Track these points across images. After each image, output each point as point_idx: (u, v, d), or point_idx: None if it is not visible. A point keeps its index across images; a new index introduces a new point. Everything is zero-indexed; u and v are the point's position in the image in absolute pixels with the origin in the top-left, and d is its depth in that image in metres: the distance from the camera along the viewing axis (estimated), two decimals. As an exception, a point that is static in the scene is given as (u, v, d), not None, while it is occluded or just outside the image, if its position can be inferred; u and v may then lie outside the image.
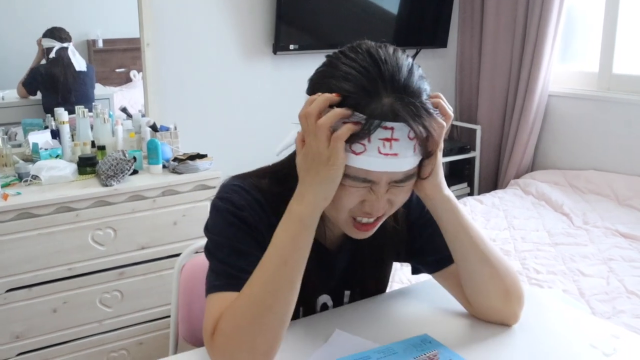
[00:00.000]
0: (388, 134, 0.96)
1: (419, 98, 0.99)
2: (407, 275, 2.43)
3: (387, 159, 0.97)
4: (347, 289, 1.31)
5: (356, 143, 0.97)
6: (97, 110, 2.79)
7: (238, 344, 1.00)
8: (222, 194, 1.14)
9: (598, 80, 3.64)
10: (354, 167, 0.99)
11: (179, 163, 2.64)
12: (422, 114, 0.97)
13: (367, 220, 1.07)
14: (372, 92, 0.97)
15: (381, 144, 0.96)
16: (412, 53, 3.96)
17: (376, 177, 1.00)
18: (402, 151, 0.98)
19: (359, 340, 1.15)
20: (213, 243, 1.12)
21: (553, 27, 3.60)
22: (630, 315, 2.15)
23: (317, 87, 1.02)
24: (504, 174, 4.01)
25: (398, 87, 0.97)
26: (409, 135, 0.97)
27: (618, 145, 3.50)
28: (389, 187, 1.03)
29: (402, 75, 0.98)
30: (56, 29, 2.88)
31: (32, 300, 2.36)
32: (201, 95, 3.30)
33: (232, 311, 1.01)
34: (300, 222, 1.01)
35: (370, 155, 0.97)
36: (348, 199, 1.03)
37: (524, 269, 2.56)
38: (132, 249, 2.50)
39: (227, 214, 1.10)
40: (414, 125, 0.96)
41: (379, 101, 0.96)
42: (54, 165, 2.50)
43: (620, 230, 2.90)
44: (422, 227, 1.26)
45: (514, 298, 1.20)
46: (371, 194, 1.02)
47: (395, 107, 0.96)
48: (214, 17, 3.27)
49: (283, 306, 1.01)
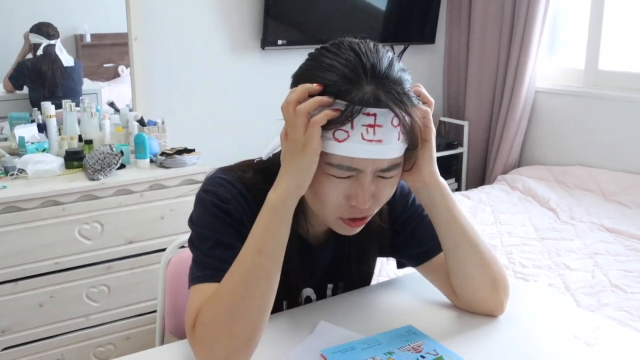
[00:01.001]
0: (371, 120, 0.96)
1: (400, 86, 1.00)
2: (394, 269, 2.43)
3: (371, 145, 0.97)
4: (329, 283, 1.32)
5: (339, 130, 0.97)
6: (84, 105, 2.78)
7: (217, 332, 1.00)
8: (207, 186, 1.14)
9: (584, 76, 3.67)
10: (338, 155, 0.99)
11: (167, 157, 2.63)
12: (404, 100, 0.98)
13: (354, 215, 1.06)
14: (354, 81, 0.98)
15: (364, 130, 0.96)
16: (400, 49, 4.02)
17: (361, 165, 0.99)
18: (386, 138, 0.98)
19: (344, 331, 1.16)
20: (197, 235, 1.12)
21: (539, 23, 3.62)
22: (615, 308, 2.17)
23: (301, 81, 1.03)
24: (491, 169, 4.03)
25: (379, 75, 0.98)
26: (392, 122, 0.98)
27: (604, 141, 3.53)
28: (374, 178, 1.02)
29: (383, 66, 1.00)
30: (44, 24, 2.86)
31: (18, 294, 2.35)
32: (189, 90, 3.29)
33: (210, 301, 1.02)
34: (274, 210, 1.01)
35: (354, 141, 0.97)
36: (333, 192, 1.03)
37: (510, 263, 2.58)
38: (119, 244, 2.50)
39: (212, 206, 1.11)
40: (397, 110, 0.97)
41: (360, 89, 0.97)
42: (41, 159, 2.49)
43: (606, 225, 2.93)
44: (406, 222, 1.27)
45: (500, 287, 1.21)
46: (356, 186, 1.02)
47: (377, 94, 0.97)
48: (202, 12, 3.26)
49: (261, 295, 1.01)
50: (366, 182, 1.01)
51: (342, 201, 1.04)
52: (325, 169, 1.01)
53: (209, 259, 1.07)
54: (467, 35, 4.10)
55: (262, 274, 1.01)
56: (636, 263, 2.53)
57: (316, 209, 1.10)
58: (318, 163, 0.99)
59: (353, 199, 1.03)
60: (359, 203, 1.02)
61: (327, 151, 0.99)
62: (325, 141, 0.98)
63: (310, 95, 0.99)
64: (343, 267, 1.29)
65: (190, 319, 1.03)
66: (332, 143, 0.98)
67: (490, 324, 1.21)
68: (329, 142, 0.98)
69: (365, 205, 1.03)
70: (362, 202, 1.02)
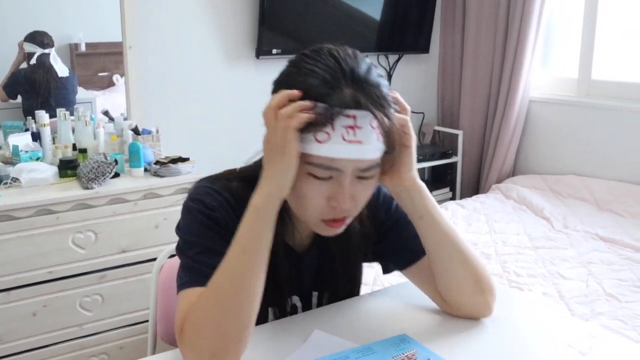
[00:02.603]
0: (351, 122, 1.00)
1: (378, 89, 1.04)
2: (389, 278, 2.44)
3: (351, 145, 1.00)
4: (315, 290, 1.33)
5: (320, 132, 1.00)
6: (78, 113, 2.78)
7: (205, 331, 1.02)
8: (193, 195, 1.17)
9: (578, 86, 3.68)
10: (319, 156, 1.01)
11: (161, 166, 2.63)
12: (383, 103, 1.02)
13: (334, 216, 1.08)
14: (334, 84, 1.01)
15: (345, 132, 1.00)
16: (395, 58, 4.04)
17: (342, 165, 1.02)
18: (366, 139, 1.01)
19: (338, 340, 1.15)
20: (184, 242, 1.14)
21: (533, 33, 3.64)
22: (609, 317, 2.18)
23: (282, 86, 1.06)
24: (486, 178, 4.04)
25: (358, 79, 1.02)
26: (371, 124, 1.01)
27: (598, 150, 3.54)
28: (353, 179, 1.05)
29: (361, 70, 1.04)
30: (38, 33, 2.85)
31: (11, 303, 2.34)
32: (183, 99, 3.29)
33: (198, 302, 1.04)
34: (256, 212, 1.04)
35: (335, 142, 1.00)
36: (315, 194, 1.05)
37: (505, 272, 2.58)
38: (113, 252, 2.49)
39: (199, 214, 1.13)
40: (376, 112, 1.01)
41: (340, 92, 1.01)
42: (35, 167, 2.49)
43: (600, 234, 2.94)
44: (390, 229, 1.29)
45: (485, 287, 1.23)
46: (337, 187, 1.04)
47: (357, 96, 1.00)
48: (197, 21, 3.26)
49: (247, 293, 1.03)
50: (346, 182, 1.04)
51: (323, 203, 1.07)
52: (307, 169, 1.03)
53: (197, 265, 1.09)
54: (461, 44, 4.11)
55: (248, 272, 1.03)
56: (630, 272, 2.53)
57: (298, 211, 1.12)
58: (300, 165, 1.02)
59: (334, 199, 1.05)
60: (339, 203, 1.05)
61: (309, 152, 1.01)
62: (307, 143, 1.01)
63: (290, 101, 1.01)
64: (328, 275, 1.31)
65: (179, 322, 1.05)
66: (314, 144, 1.01)
67: (485, 332, 1.21)
68: (310, 144, 1.01)
69: (345, 205, 1.05)
70: (343, 202, 1.05)
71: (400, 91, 1.16)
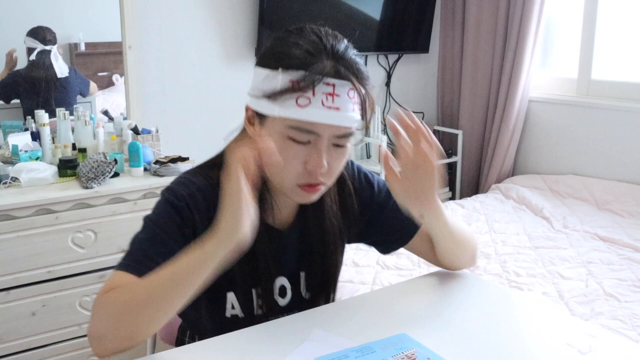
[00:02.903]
0: (330, 89, 1.08)
1: (357, 64, 1.13)
2: (388, 277, 2.44)
3: (330, 111, 1.08)
4: (302, 270, 1.34)
5: (302, 97, 1.07)
6: (78, 113, 2.78)
7: (105, 325, 1.06)
8: (170, 184, 1.22)
9: (577, 86, 3.68)
10: (299, 120, 1.08)
11: (161, 166, 2.63)
12: (361, 76, 1.12)
13: (310, 181, 1.14)
14: (316, 55, 1.10)
15: (324, 98, 1.08)
16: (395, 58, 4.03)
17: (320, 129, 1.10)
18: (343, 106, 1.09)
19: (338, 339, 1.15)
20: (143, 226, 1.18)
21: (533, 33, 3.64)
22: (608, 316, 2.17)
23: (266, 58, 1.14)
24: (485, 178, 4.04)
25: (339, 54, 1.11)
26: (349, 94, 1.10)
27: (597, 150, 3.54)
28: (329, 146, 1.12)
29: (341, 47, 1.13)
30: (41, 28, 2.83)
31: (10, 303, 2.34)
32: (183, 99, 3.29)
33: (112, 294, 1.07)
34: (204, 257, 1.02)
35: (314, 107, 1.08)
36: (292, 158, 1.11)
37: (504, 272, 2.58)
38: (113, 252, 2.49)
39: (166, 203, 1.18)
40: (355, 82, 1.10)
41: (322, 62, 1.09)
42: (34, 167, 2.49)
43: (600, 233, 2.94)
44: (379, 209, 1.38)
45: (476, 255, 1.45)
46: (314, 151, 1.11)
47: (337, 67, 1.09)
48: (197, 20, 3.26)
49: (157, 312, 1.04)
50: (323, 146, 1.11)
51: (299, 167, 1.12)
52: (288, 133, 1.10)
53: (138, 251, 1.14)
54: (461, 44, 4.11)
55: (167, 300, 1.04)
56: (629, 272, 2.53)
57: (275, 176, 1.17)
58: (281, 129, 1.10)
59: (310, 163, 1.11)
60: (315, 166, 1.11)
61: (290, 116, 1.08)
62: (289, 108, 1.08)
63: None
64: (311, 253, 1.33)
65: (102, 290, 1.09)
66: (296, 108, 1.08)
67: (485, 332, 1.21)
68: (292, 108, 1.08)
69: (321, 168, 1.11)
70: (319, 165, 1.11)
71: (400, 91, 1.20)
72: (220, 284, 1.25)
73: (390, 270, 2.54)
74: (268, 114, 1.12)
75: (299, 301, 1.35)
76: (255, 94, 1.14)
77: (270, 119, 1.12)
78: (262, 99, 1.12)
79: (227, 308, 1.28)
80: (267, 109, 1.11)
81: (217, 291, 1.26)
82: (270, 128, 1.12)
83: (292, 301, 1.34)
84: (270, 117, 1.12)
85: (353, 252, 2.67)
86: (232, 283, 1.27)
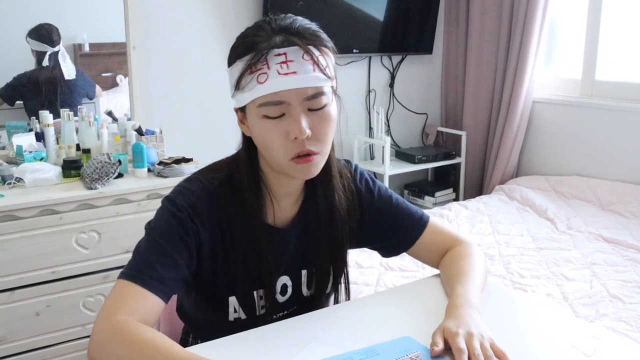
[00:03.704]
0: (282, 59, 1.11)
1: (308, 29, 1.15)
2: (392, 280, 2.44)
3: (287, 77, 1.10)
4: (303, 269, 1.35)
5: (260, 74, 1.11)
6: (82, 114, 2.78)
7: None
8: (170, 194, 1.23)
9: (581, 86, 3.68)
10: (264, 95, 1.11)
11: (164, 167, 2.63)
12: (309, 36, 1.13)
13: (299, 150, 1.14)
14: (262, 35, 1.13)
15: (279, 67, 1.10)
16: (398, 59, 4.03)
17: (286, 97, 1.11)
18: (300, 69, 1.11)
19: (342, 341, 1.15)
20: (145, 235, 1.20)
21: (537, 33, 3.64)
22: (613, 318, 2.17)
23: (229, 57, 1.19)
24: (489, 179, 4.03)
25: (284, 27, 1.14)
26: (303, 57, 1.12)
27: (601, 151, 3.54)
28: (305, 112, 1.13)
29: (286, 21, 1.15)
30: (44, 27, 2.82)
31: (14, 303, 2.34)
32: (187, 100, 3.29)
33: (121, 340, 1.04)
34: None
35: (272, 78, 1.10)
36: (274, 134, 1.13)
37: (508, 273, 2.57)
38: (116, 253, 2.49)
39: (167, 213, 1.19)
40: (302, 44, 1.11)
41: (269, 38, 1.12)
42: (38, 167, 2.49)
43: (604, 235, 2.93)
44: (380, 213, 1.38)
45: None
46: (291, 120, 1.12)
47: (285, 37, 1.12)
48: (201, 21, 3.27)
49: None
50: (296, 112, 1.12)
51: (284, 140, 1.13)
52: (260, 112, 1.13)
53: (141, 261, 1.15)
54: (465, 45, 4.11)
55: None
56: (634, 273, 2.52)
57: (270, 159, 1.19)
58: (255, 111, 1.14)
59: (292, 132, 1.12)
60: (297, 133, 1.12)
61: (256, 96, 1.12)
62: (252, 89, 1.12)
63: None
64: (312, 251, 1.33)
65: (108, 310, 1.09)
66: (258, 87, 1.11)
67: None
68: (255, 88, 1.11)
69: (303, 134, 1.12)
70: (300, 132, 1.11)
71: (404, 92, 1.20)
72: (223, 289, 1.26)
73: (394, 272, 2.54)
74: (243, 104, 1.16)
75: (298, 298, 1.36)
76: (232, 94, 1.19)
77: (247, 108, 1.16)
78: (236, 94, 1.17)
79: (230, 312, 1.29)
80: (240, 100, 1.16)
81: (220, 297, 1.27)
82: (249, 116, 1.17)
83: (291, 298, 1.35)
84: (247, 106, 1.16)
85: (356, 254, 2.67)
86: (234, 287, 1.27)
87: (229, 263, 1.24)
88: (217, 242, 1.23)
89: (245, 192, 1.23)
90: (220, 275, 1.25)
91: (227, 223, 1.23)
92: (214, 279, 1.25)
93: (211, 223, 1.20)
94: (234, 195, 1.23)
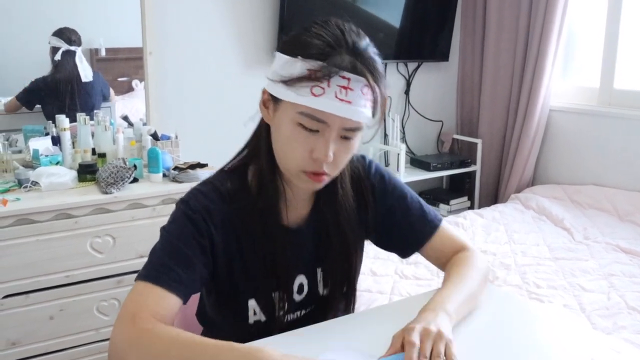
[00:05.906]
0: (345, 83, 1.10)
1: (375, 63, 1.14)
2: (407, 288, 2.42)
3: (342, 104, 1.10)
4: (318, 267, 1.35)
5: (317, 86, 1.09)
6: (98, 118, 2.79)
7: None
8: (184, 197, 1.25)
9: (599, 95, 3.65)
10: (311, 108, 1.10)
11: (180, 172, 2.64)
12: (376, 74, 1.13)
13: (315, 169, 1.15)
14: (336, 48, 1.11)
15: (338, 90, 1.09)
16: (414, 66, 4.02)
17: (330, 120, 1.11)
18: (356, 101, 1.10)
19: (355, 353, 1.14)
20: (160, 237, 1.22)
21: (554, 42, 3.61)
22: (632, 331, 2.14)
23: (288, 45, 1.16)
24: (505, 188, 4.01)
25: (358, 50, 1.12)
26: (363, 90, 1.11)
27: (619, 160, 3.50)
28: (337, 137, 1.14)
29: (362, 44, 1.14)
30: (67, 29, 2.84)
31: (28, 307, 2.35)
32: (202, 105, 3.30)
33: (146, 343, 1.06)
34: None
35: (328, 97, 1.09)
36: (300, 144, 1.13)
37: (524, 283, 2.55)
38: (131, 257, 2.49)
39: (181, 215, 1.21)
40: (370, 79, 1.11)
41: (340, 56, 1.11)
42: (54, 171, 2.50)
43: (621, 245, 2.89)
44: (390, 210, 1.38)
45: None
46: (322, 140, 1.12)
47: (354, 63, 1.11)
48: (217, 26, 3.27)
49: None
50: (331, 137, 1.13)
51: (306, 154, 1.14)
52: (298, 119, 1.12)
53: (157, 262, 1.17)
54: (481, 52, 4.09)
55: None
56: (652, 285, 2.49)
57: (282, 161, 1.20)
58: (292, 114, 1.12)
59: (317, 151, 1.13)
60: (321, 155, 1.13)
61: (303, 103, 1.10)
62: (303, 95, 1.10)
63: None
64: (327, 250, 1.33)
65: (128, 312, 1.10)
66: (309, 97, 1.10)
67: (504, 345, 1.19)
68: (306, 96, 1.10)
69: (327, 158, 1.13)
70: (325, 155, 1.12)
71: (419, 99, 1.20)
72: (242, 293, 1.27)
73: (408, 280, 2.52)
74: (283, 99, 1.14)
75: (315, 297, 1.35)
76: (273, 78, 1.16)
77: (283, 103, 1.15)
78: (279, 83, 1.14)
79: (250, 315, 1.30)
80: (282, 94, 1.14)
81: (239, 300, 1.28)
82: (282, 112, 1.15)
83: (307, 297, 1.35)
84: (284, 101, 1.14)
85: (371, 262, 2.66)
86: (253, 290, 1.28)
87: (245, 265, 1.25)
88: (232, 244, 1.24)
89: (264, 191, 1.24)
90: (237, 277, 1.26)
91: (241, 225, 1.24)
92: (231, 281, 1.26)
93: (224, 225, 1.22)
94: (249, 196, 1.24)
